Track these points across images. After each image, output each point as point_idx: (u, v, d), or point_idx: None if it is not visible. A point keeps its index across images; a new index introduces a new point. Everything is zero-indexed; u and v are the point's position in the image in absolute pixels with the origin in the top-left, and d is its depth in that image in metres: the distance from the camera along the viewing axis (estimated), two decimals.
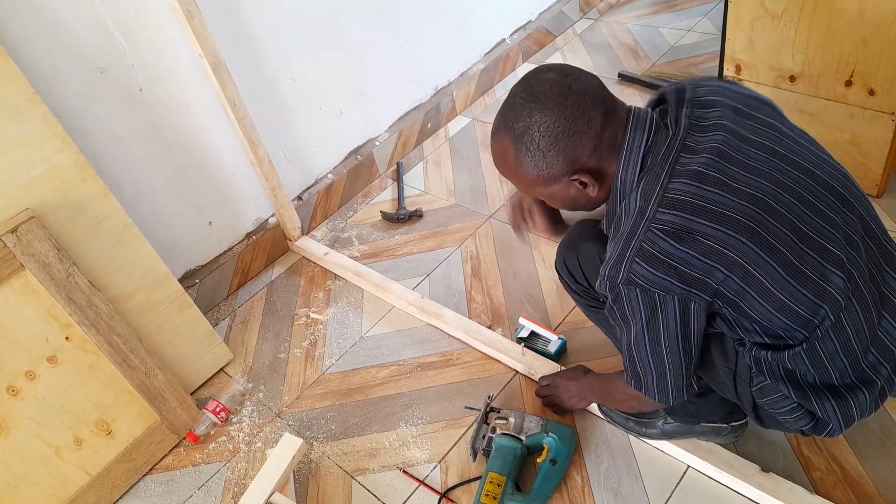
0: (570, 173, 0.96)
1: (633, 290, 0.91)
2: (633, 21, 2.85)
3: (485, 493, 1.28)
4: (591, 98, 0.93)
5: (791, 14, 1.60)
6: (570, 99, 0.92)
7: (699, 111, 0.96)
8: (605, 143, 0.95)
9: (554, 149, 0.93)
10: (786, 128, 0.98)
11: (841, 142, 1.70)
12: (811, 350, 0.92)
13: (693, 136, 0.93)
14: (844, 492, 1.23)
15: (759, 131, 0.95)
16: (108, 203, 1.40)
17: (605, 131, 0.94)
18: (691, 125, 0.94)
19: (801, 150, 0.96)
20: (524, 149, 0.95)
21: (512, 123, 0.95)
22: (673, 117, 0.96)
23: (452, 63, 2.48)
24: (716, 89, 1.00)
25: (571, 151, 0.94)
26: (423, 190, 2.21)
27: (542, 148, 0.94)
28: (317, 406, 1.60)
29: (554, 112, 0.92)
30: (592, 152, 0.95)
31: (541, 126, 0.93)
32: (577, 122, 0.92)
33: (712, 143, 0.91)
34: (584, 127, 0.93)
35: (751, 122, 0.95)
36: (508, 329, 1.67)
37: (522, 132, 0.94)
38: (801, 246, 0.89)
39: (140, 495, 1.49)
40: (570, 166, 0.96)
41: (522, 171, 0.98)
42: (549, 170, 0.96)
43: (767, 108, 1.00)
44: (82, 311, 1.34)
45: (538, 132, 0.93)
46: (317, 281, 1.94)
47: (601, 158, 0.96)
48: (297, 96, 1.95)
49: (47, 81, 1.39)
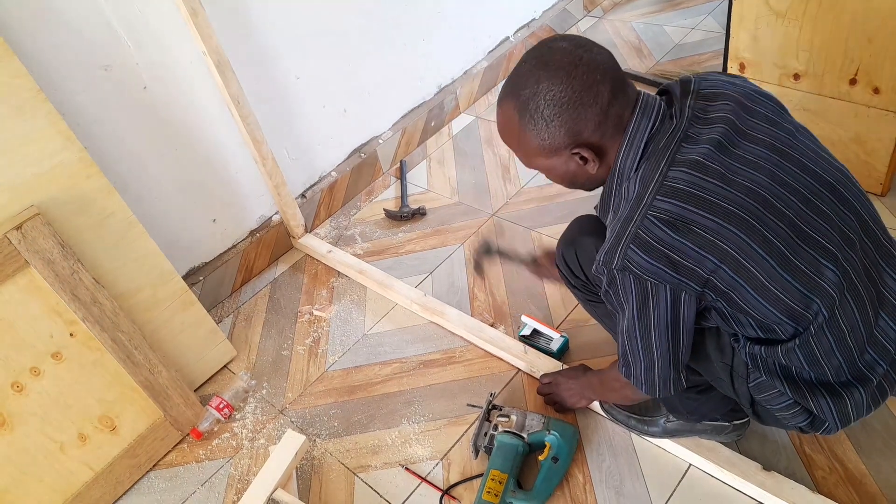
0: (571, 146, 0.96)
1: (627, 276, 0.91)
2: (637, 19, 2.85)
3: (486, 491, 1.28)
4: (601, 72, 0.92)
5: (795, 12, 1.59)
6: (579, 69, 0.91)
7: (702, 103, 0.96)
8: (610, 120, 0.94)
9: (558, 119, 0.92)
10: (787, 124, 0.98)
11: (845, 140, 1.70)
12: (805, 345, 0.92)
13: (695, 128, 0.93)
14: (847, 491, 1.23)
15: (759, 126, 0.95)
16: (113, 200, 1.41)
17: (612, 108, 0.93)
18: (694, 116, 0.94)
19: (801, 146, 0.95)
20: (528, 116, 0.94)
21: (519, 90, 0.94)
22: (677, 107, 0.96)
23: (456, 61, 2.48)
24: (720, 83, 0.99)
25: (575, 124, 0.93)
26: (426, 188, 2.21)
27: (545, 117, 0.93)
28: (319, 403, 1.60)
29: (562, 81, 0.91)
30: (596, 128, 0.94)
31: (547, 94, 0.92)
32: (583, 94, 0.91)
33: (713, 135, 0.91)
34: (591, 100, 0.91)
35: (752, 116, 0.95)
36: (511, 327, 1.67)
37: (528, 99, 0.93)
38: (796, 240, 0.89)
39: (144, 491, 1.50)
40: (573, 139, 0.95)
41: (525, 140, 0.98)
42: (550, 140, 0.95)
43: (770, 104, 1.00)
44: (87, 307, 1.35)
45: (544, 100, 0.92)
46: (320, 278, 1.95)
47: (604, 135, 0.95)
48: (301, 94, 1.96)
49: (52, 79, 1.40)
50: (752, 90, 1.01)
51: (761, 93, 1.01)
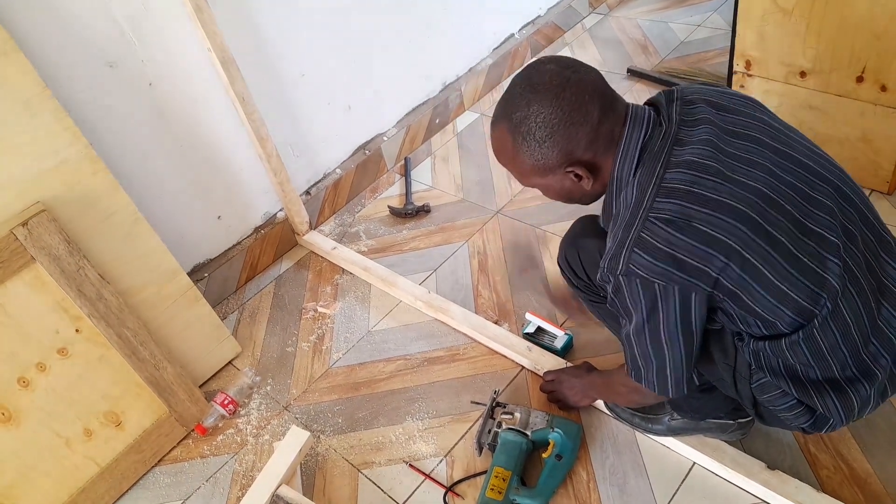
0: (565, 165, 0.97)
1: (633, 280, 0.91)
2: (643, 16, 2.84)
3: (490, 488, 1.28)
4: (589, 91, 0.94)
5: (802, 9, 1.58)
6: (567, 91, 0.93)
7: (686, 108, 0.98)
8: (601, 137, 0.95)
9: (550, 140, 0.94)
10: (776, 122, 1.00)
11: (851, 138, 1.69)
12: (810, 339, 0.92)
13: (684, 131, 0.95)
14: (851, 490, 1.22)
15: (747, 124, 0.96)
16: (118, 197, 1.41)
17: (602, 126, 0.95)
18: (681, 120, 0.96)
19: (794, 143, 0.97)
20: (521, 138, 0.96)
21: (510, 113, 0.97)
22: (665, 114, 0.98)
23: (461, 58, 2.47)
24: (698, 90, 1.02)
25: (567, 143, 0.95)
26: (430, 185, 2.21)
27: (538, 138, 0.95)
28: (324, 399, 1.60)
29: (551, 103, 0.93)
30: (588, 145, 0.96)
31: (538, 117, 0.93)
32: (573, 114, 0.93)
33: (703, 136, 0.93)
34: (581, 119, 0.93)
35: (735, 115, 0.97)
36: (515, 324, 1.67)
37: (520, 122, 0.95)
38: (799, 235, 0.89)
39: (149, 486, 1.51)
40: (566, 158, 0.96)
41: (519, 161, 1.00)
42: (544, 160, 0.97)
43: (753, 104, 1.02)
44: (92, 303, 1.35)
45: (535, 122, 0.94)
46: (324, 275, 1.95)
47: (597, 152, 0.97)
48: (306, 91, 1.96)
49: (58, 76, 1.40)
50: (731, 93, 1.03)
51: (741, 95, 1.04)
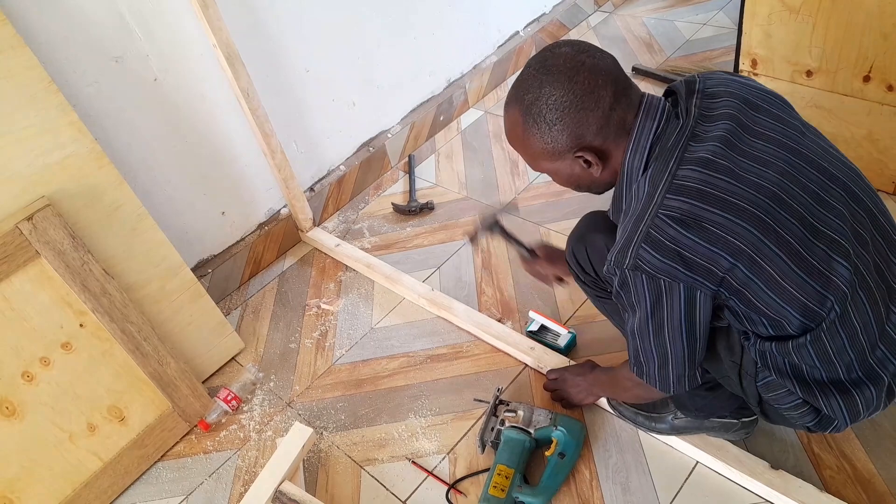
0: (574, 150, 0.97)
1: (639, 276, 0.91)
2: (648, 14, 2.83)
3: (493, 485, 1.28)
4: (602, 76, 0.93)
5: (809, 8, 1.58)
6: (580, 74, 0.92)
7: (707, 101, 0.97)
8: (612, 123, 0.95)
9: (560, 122, 0.94)
10: (795, 121, 0.98)
11: (858, 138, 1.68)
12: (817, 342, 0.92)
13: (701, 126, 0.94)
14: (855, 490, 1.22)
15: (766, 123, 0.95)
16: (123, 192, 1.41)
17: (614, 112, 0.94)
18: (700, 115, 0.95)
19: (810, 143, 0.96)
20: (532, 121, 0.96)
21: (522, 94, 0.96)
22: (683, 107, 0.97)
23: (466, 55, 2.47)
24: (724, 81, 1.00)
25: (577, 127, 0.94)
26: (434, 182, 2.21)
27: (548, 121, 0.94)
28: (327, 396, 1.61)
29: (563, 86, 0.92)
30: (599, 131, 0.95)
31: (549, 99, 0.93)
32: (585, 98, 0.92)
33: (720, 133, 0.92)
34: (592, 104, 0.93)
35: (758, 113, 0.96)
36: (518, 322, 1.67)
37: (531, 104, 0.95)
38: (809, 237, 0.88)
39: (152, 481, 1.51)
40: (575, 142, 0.96)
41: (529, 144, 0.99)
42: (553, 144, 0.97)
43: (777, 102, 1.00)
44: (96, 298, 1.36)
45: (546, 105, 0.94)
46: (328, 272, 1.95)
47: (607, 139, 0.96)
48: (311, 87, 1.96)
49: (63, 70, 1.40)
50: (758, 88, 1.01)
51: (766, 91, 1.01)
